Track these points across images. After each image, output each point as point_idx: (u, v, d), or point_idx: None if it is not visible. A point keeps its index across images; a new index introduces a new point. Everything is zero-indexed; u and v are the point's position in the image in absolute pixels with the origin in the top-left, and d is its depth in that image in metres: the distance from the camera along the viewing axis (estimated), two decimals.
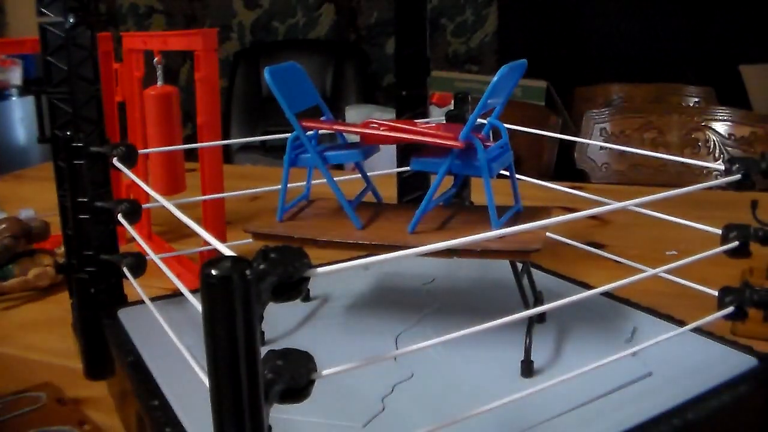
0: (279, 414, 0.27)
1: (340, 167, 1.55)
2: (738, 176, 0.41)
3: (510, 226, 0.32)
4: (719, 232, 0.42)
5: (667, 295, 0.49)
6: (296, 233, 0.45)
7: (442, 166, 0.44)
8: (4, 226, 0.69)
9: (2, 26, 3.19)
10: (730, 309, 0.41)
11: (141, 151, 0.51)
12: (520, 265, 0.44)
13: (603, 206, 0.36)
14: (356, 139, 0.48)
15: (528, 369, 0.41)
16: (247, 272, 0.23)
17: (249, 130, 3.05)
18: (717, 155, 1.65)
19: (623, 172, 1.69)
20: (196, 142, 0.62)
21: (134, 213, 0.48)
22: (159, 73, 0.72)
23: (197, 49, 0.63)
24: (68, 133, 0.48)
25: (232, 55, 3.26)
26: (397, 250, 0.28)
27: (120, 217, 0.48)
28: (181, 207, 0.39)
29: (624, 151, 1.70)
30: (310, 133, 0.47)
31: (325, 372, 0.27)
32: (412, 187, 0.65)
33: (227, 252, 0.25)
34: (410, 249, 0.28)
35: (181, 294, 0.34)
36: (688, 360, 0.41)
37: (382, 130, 0.45)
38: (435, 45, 3.15)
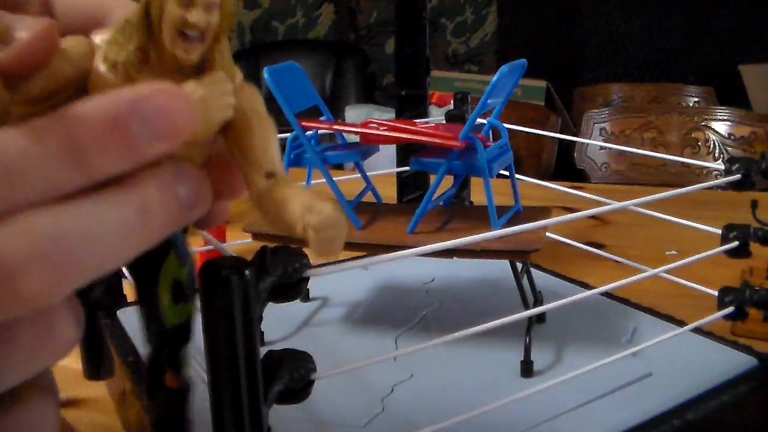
0: (279, 414, 0.26)
1: (339, 167, 1.55)
2: (738, 176, 0.41)
3: (510, 226, 0.32)
4: (719, 232, 0.42)
5: (667, 295, 0.49)
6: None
7: (442, 166, 0.44)
8: None
9: None
10: (730, 309, 0.41)
11: None
12: (520, 265, 0.44)
13: (603, 206, 0.36)
14: (356, 139, 0.48)
15: (528, 369, 0.41)
16: (247, 272, 0.23)
17: None
18: (717, 155, 1.65)
19: (623, 171, 1.69)
20: None
21: None
22: None
23: None
24: None
25: (232, 54, 3.26)
26: (397, 250, 0.28)
27: None
28: None
29: (624, 151, 1.70)
30: (309, 133, 0.47)
31: (324, 373, 0.27)
32: (411, 187, 0.65)
33: (227, 252, 0.25)
34: (410, 249, 0.28)
35: None
36: (688, 360, 0.41)
37: (382, 130, 0.45)
38: (435, 45, 3.15)
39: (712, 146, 1.67)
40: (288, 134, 0.47)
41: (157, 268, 0.24)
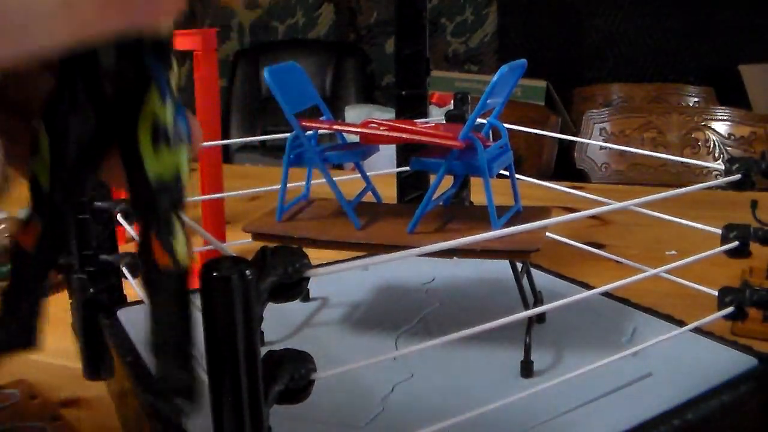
0: (279, 414, 0.26)
1: (339, 167, 1.55)
2: (738, 176, 0.41)
3: (510, 226, 0.32)
4: (719, 232, 0.42)
5: (667, 295, 0.49)
6: (296, 233, 0.45)
7: (442, 166, 0.44)
8: (3, 226, 0.69)
9: None
10: (730, 309, 0.41)
11: None
12: (520, 265, 0.44)
13: (603, 206, 0.36)
14: (356, 139, 0.48)
15: (528, 369, 0.41)
16: (247, 272, 0.23)
17: (248, 130, 3.05)
18: (717, 155, 1.65)
19: (623, 172, 1.69)
20: None
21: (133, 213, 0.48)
22: None
23: (197, 49, 0.62)
24: None
25: (232, 55, 3.26)
26: (397, 250, 0.28)
27: (119, 217, 0.48)
28: None
29: (624, 151, 1.70)
30: (309, 133, 0.47)
31: (324, 373, 0.27)
32: (411, 187, 0.65)
33: (227, 252, 0.25)
34: (410, 249, 0.28)
35: None
36: (688, 360, 0.41)
37: (382, 130, 0.45)
38: (435, 45, 3.15)
39: (712, 146, 1.67)
40: (288, 134, 0.47)
41: (137, 108, 0.22)
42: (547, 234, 0.44)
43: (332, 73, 3.11)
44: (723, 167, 0.42)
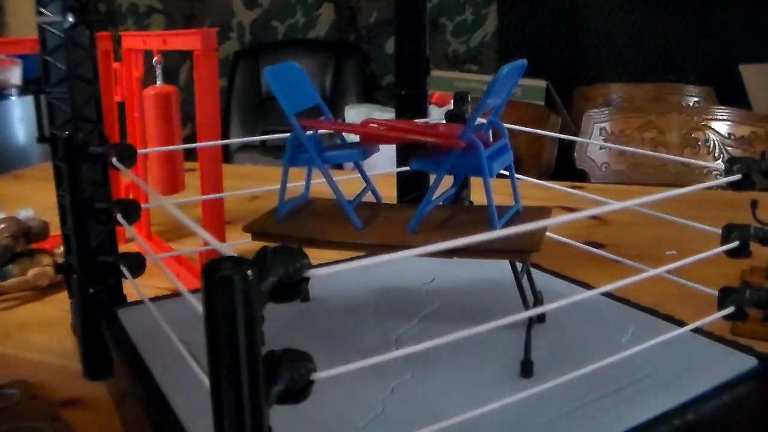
0: (279, 414, 0.26)
1: (339, 167, 1.55)
2: (738, 176, 0.41)
3: (510, 226, 0.32)
4: (719, 232, 0.42)
5: (667, 295, 0.49)
6: (296, 233, 0.45)
7: (442, 166, 0.44)
8: (3, 225, 0.69)
9: (2, 26, 3.18)
10: (730, 309, 0.41)
11: (140, 151, 0.51)
12: (520, 265, 0.44)
13: (603, 206, 0.36)
14: (356, 138, 0.48)
15: (528, 369, 0.41)
16: (249, 272, 0.23)
17: (248, 130, 3.04)
18: (717, 155, 1.65)
19: (623, 171, 1.69)
20: (195, 142, 0.62)
21: (133, 213, 0.48)
22: (158, 72, 0.72)
23: (197, 48, 0.62)
24: (67, 133, 0.48)
25: (232, 54, 3.26)
26: (397, 250, 0.28)
27: (119, 216, 0.48)
28: (181, 207, 0.39)
29: (624, 151, 1.70)
30: (309, 132, 0.47)
31: (324, 373, 0.27)
32: (411, 187, 0.65)
33: (227, 252, 0.25)
34: (410, 249, 0.28)
35: (181, 294, 0.34)
36: (688, 360, 0.41)
37: (382, 130, 0.45)
38: (435, 45, 3.15)
39: (712, 146, 1.67)
40: (288, 134, 0.47)
41: None
42: (547, 234, 0.44)
43: (332, 72, 3.11)
44: (723, 167, 0.42)
